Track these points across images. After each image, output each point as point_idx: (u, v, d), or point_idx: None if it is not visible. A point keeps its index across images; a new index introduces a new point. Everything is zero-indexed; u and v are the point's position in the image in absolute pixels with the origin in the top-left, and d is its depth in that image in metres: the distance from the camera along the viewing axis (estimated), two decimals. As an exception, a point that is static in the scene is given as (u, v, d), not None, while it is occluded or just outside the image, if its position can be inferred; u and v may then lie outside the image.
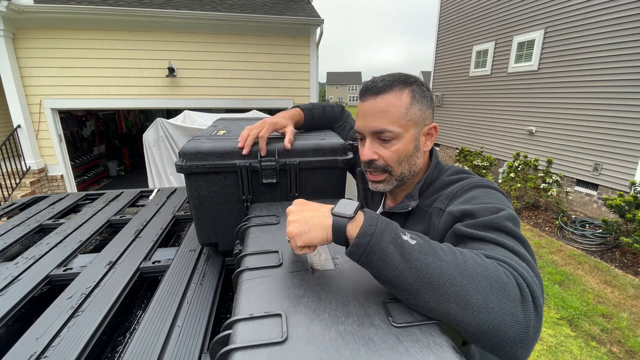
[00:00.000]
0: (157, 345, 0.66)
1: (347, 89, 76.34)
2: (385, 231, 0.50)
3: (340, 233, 0.52)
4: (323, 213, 0.56)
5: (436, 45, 10.37)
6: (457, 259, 0.48)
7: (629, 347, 2.92)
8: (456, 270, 0.47)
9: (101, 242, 1.23)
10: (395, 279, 0.48)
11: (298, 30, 6.41)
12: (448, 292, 0.46)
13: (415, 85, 0.76)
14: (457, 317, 0.46)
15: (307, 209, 0.58)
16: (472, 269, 0.47)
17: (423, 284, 0.46)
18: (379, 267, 0.49)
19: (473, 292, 0.46)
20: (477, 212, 0.63)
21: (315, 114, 1.08)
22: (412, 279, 0.47)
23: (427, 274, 0.47)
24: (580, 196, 5.96)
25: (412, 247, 0.49)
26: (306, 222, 0.55)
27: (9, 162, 5.55)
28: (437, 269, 0.47)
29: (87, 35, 5.66)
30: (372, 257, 0.49)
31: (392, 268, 0.48)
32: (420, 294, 0.47)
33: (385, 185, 0.81)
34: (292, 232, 0.55)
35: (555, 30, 6.22)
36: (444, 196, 0.73)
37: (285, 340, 0.42)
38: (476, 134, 8.67)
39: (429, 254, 0.48)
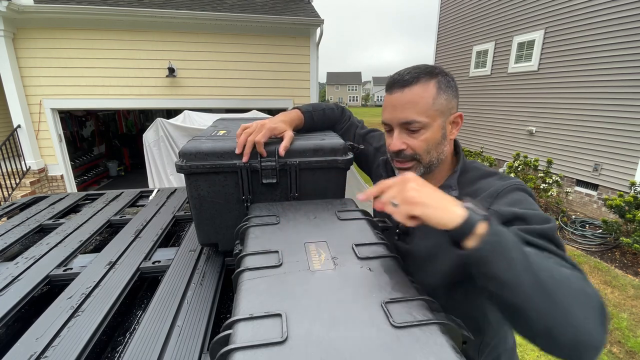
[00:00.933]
0: (157, 345, 0.66)
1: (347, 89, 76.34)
2: (512, 237, 0.53)
3: (469, 227, 0.53)
4: (452, 201, 0.56)
5: (436, 45, 10.37)
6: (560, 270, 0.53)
7: (629, 347, 2.92)
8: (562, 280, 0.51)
9: (101, 242, 1.23)
10: (515, 280, 0.50)
11: (298, 31, 6.41)
12: (560, 299, 0.49)
13: (441, 76, 0.79)
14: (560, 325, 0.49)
15: (432, 188, 0.58)
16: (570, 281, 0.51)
17: (537, 288, 0.49)
18: (500, 267, 0.51)
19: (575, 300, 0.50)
20: (529, 218, 0.65)
21: (316, 117, 1.08)
22: (529, 282, 0.50)
23: (543, 280, 0.50)
24: (580, 196, 5.96)
25: (531, 255, 0.52)
26: (433, 198, 0.55)
27: (9, 162, 5.55)
28: (551, 276, 0.50)
29: (87, 35, 5.66)
30: (496, 257, 0.51)
31: (514, 269, 0.50)
32: (534, 297, 0.49)
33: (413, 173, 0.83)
34: (415, 197, 0.55)
35: (555, 31, 6.22)
36: (487, 194, 0.75)
37: (285, 340, 0.42)
38: (476, 134, 8.67)
39: (542, 262, 0.52)
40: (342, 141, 0.92)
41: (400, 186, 0.59)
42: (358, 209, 0.81)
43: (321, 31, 6.46)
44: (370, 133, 1.17)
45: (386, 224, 0.86)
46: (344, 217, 0.76)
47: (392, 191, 0.59)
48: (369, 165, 1.14)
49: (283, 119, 0.95)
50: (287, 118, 0.97)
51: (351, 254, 0.62)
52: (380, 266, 0.59)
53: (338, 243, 0.66)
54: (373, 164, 1.11)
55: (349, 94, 76.39)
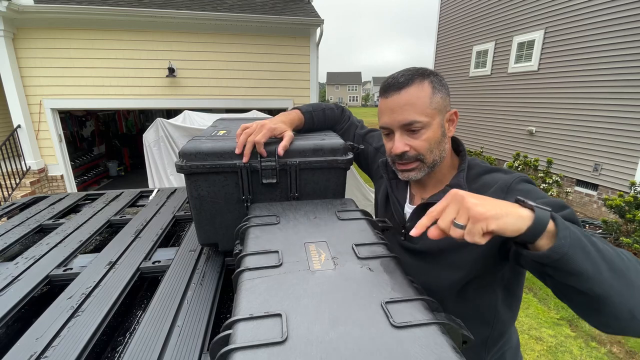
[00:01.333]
0: (157, 345, 0.66)
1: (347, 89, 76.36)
2: (572, 225, 0.52)
3: (542, 226, 0.50)
4: (512, 204, 0.53)
5: (436, 45, 10.37)
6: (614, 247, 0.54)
7: (629, 347, 2.92)
8: (626, 259, 0.53)
9: (101, 242, 1.23)
10: (596, 268, 0.49)
11: (298, 31, 6.41)
12: (632, 278, 0.50)
13: (432, 76, 0.81)
14: (632, 300, 0.50)
15: (486, 197, 0.54)
16: (630, 259, 0.53)
17: (614, 271, 0.50)
18: (580, 259, 0.49)
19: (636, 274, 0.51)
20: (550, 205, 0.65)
21: (316, 117, 1.08)
22: (606, 268, 0.49)
23: (615, 262, 0.50)
24: (580, 196, 5.96)
25: (596, 239, 0.52)
26: (500, 207, 0.51)
27: (9, 162, 5.55)
28: (617, 255, 0.51)
29: (87, 35, 5.66)
30: (575, 250, 0.49)
31: (593, 259, 0.50)
32: (613, 282, 0.49)
33: (417, 173, 0.84)
34: (485, 213, 0.50)
35: (555, 31, 6.22)
36: (497, 188, 0.75)
37: (285, 340, 0.42)
38: (476, 134, 8.67)
39: (604, 244, 0.53)
40: (342, 141, 0.92)
41: (457, 205, 0.53)
42: (358, 209, 0.81)
43: (321, 31, 6.46)
44: (369, 133, 1.17)
45: (386, 224, 0.86)
46: (344, 217, 0.76)
47: (450, 213, 0.54)
48: (369, 165, 1.15)
49: (283, 119, 0.95)
50: (287, 118, 0.96)
51: (351, 254, 0.62)
52: (380, 266, 0.59)
53: (338, 243, 0.66)
54: (373, 163, 1.11)
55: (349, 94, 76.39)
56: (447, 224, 0.53)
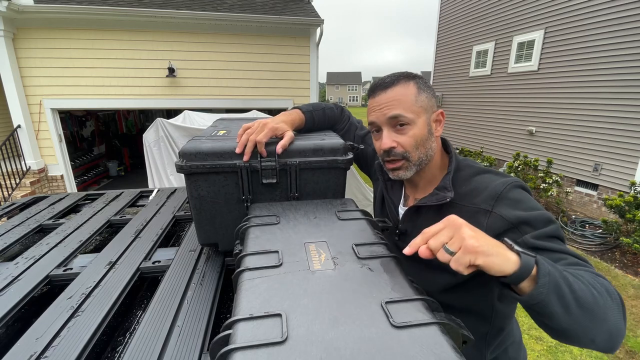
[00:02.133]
0: (157, 345, 0.66)
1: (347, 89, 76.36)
2: (552, 265, 0.55)
3: (527, 272, 0.53)
4: (499, 244, 0.55)
5: (436, 45, 10.36)
6: (588, 282, 0.57)
7: (629, 347, 2.93)
8: (596, 293, 0.55)
9: (101, 242, 1.23)
10: (566, 310, 0.53)
11: (298, 31, 6.41)
12: (597, 314, 0.54)
13: (418, 78, 0.85)
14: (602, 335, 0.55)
15: (481, 232, 0.55)
16: (599, 289, 0.56)
17: (582, 310, 0.53)
18: (554, 304, 0.53)
19: (608, 308, 0.55)
20: (534, 221, 0.69)
21: (316, 116, 1.09)
22: (575, 307, 0.53)
23: (586, 301, 0.54)
24: (580, 196, 5.96)
25: (570, 278, 0.55)
26: (491, 245, 0.53)
27: (9, 162, 5.55)
28: (590, 294, 0.54)
29: (87, 35, 5.66)
30: (551, 296, 0.52)
31: (566, 302, 0.53)
32: (579, 320, 0.53)
33: (404, 172, 0.86)
34: (478, 247, 0.52)
35: (555, 31, 6.22)
36: (487, 195, 0.76)
37: (285, 340, 0.42)
38: (476, 134, 8.67)
39: (578, 282, 0.55)
40: (342, 141, 0.92)
41: (452, 231, 0.55)
42: (358, 209, 0.81)
43: (321, 31, 6.46)
44: (369, 134, 1.17)
45: (386, 224, 0.86)
46: (344, 217, 0.76)
47: (443, 237, 0.55)
48: (368, 165, 1.15)
49: (284, 119, 0.95)
50: (288, 118, 0.97)
51: (351, 254, 0.62)
52: (380, 266, 0.59)
53: (338, 243, 0.66)
54: (373, 164, 1.12)
55: (349, 94, 76.38)
56: (437, 246, 0.55)
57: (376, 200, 1.09)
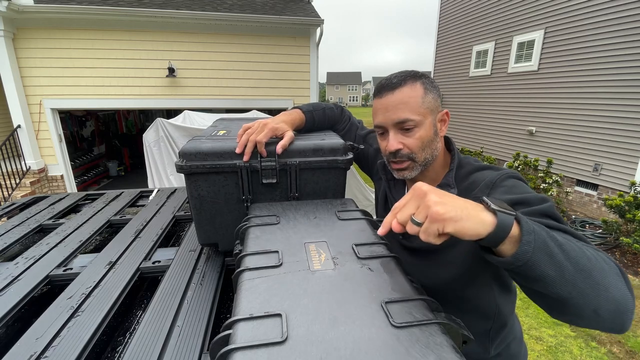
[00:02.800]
0: (157, 345, 0.66)
1: (347, 89, 76.36)
2: (538, 225, 0.51)
3: (504, 232, 0.48)
4: (476, 206, 0.50)
5: (436, 45, 10.36)
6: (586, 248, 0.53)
7: (629, 347, 2.92)
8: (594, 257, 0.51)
9: (101, 242, 1.23)
10: (560, 272, 0.48)
11: (298, 31, 6.41)
12: (597, 277, 0.49)
13: (424, 78, 0.84)
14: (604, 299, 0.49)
15: (450, 195, 0.51)
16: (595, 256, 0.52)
17: (578, 273, 0.49)
18: (545, 265, 0.48)
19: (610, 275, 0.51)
20: (528, 200, 0.66)
21: (316, 116, 1.09)
22: (574, 270, 0.49)
23: (580, 263, 0.49)
24: (580, 196, 5.96)
25: (560, 239, 0.51)
26: (461, 209, 0.48)
27: (9, 162, 5.55)
28: (584, 256, 0.50)
29: (87, 35, 5.66)
30: (540, 255, 0.48)
31: (558, 262, 0.48)
32: (577, 282, 0.49)
33: (410, 172, 0.86)
34: (444, 214, 0.47)
35: (555, 31, 6.22)
36: (483, 186, 0.76)
37: (285, 340, 0.42)
38: (476, 134, 8.67)
39: (571, 244, 0.51)
40: (342, 141, 0.92)
41: (418, 200, 0.50)
42: (358, 209, 0.81)
43: (321, 31, 6.46)
44: (370, 133, 1.17)
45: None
46: (344, 217, 0.76)
47: (409, 207, 0.51)
48: (370, 165, 1.15)
49: (284, 119, 0.95)
50: (288, 118, 0.97)
51: (351, 254, 0.62)
52: (380, 266, 0.59)
53: (338, 243, 0.66)
54: (374, 164, 1.12)
55: (349, 94, 76.39)
56: (405, 219, 0.51)
57: (379, 200, 1.10)
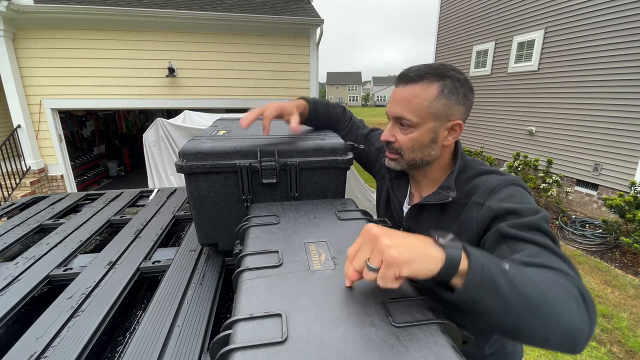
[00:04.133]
0: (157, 345, 0.66)
1: (347, 89, 76.33)
2: (489, 259, 0.50)
3: (454, 267, 0.48)
4: (425, 242, 0.49)
5: (436, 45, 10.36)
6: (539, 278, 0.52)
7: (629, 347, 2.92)
8: (547, 289, 0.51)
9: (101, 242, 1.23)
10: (505, 307, 0.48)
11: (298, 30, 6.41)
12: (545, 310, 0.49)
13: (450, 80, 0.77)
14: (549, 332, 0.50)
15: (404, 235, 0.50)
16: (551, 284, 0.52)
17: (529, 308, 0.49)
18: (488, 301, 0.48)
19: (561, 306, 0.50)
20: (521, 211, 0.67)
21: (319, 108, 1.09)
22: (521, 305, 0.48)
23: (531, 298, 0.49)
24: (580, 196, 5.96)
25: (511, 272, 0.50)
26: (413, 249, 0.47)
27: (9, 162, 5.55)
28: (535, 290, 0.50)
29: (87, 35, 5.66)
30: (484, 293, 0.48)
31: (504, 298, 0.48)
32: (523, 318, 0.49)
33: (396, 164, 0.88)
34: (398, 258, 0.45)
35: (555, 31, 6.22)
36: (482, 191, 0.75)
37: (285, 340, 0.42)
38: (476, 134, 8.67)
39: (522, 275, 0.51)
40: (342, 141, 0.92)
41: (370, 245, 0.48)
42: (358, 209, 0.81)
43: (321, 31, 6.46)
44: (371, 133, 1.17)
45: (386, 224, 0.86)
46: (344, 217, 0.76)
47: (363, 253, 0.49)
48: (372, 165, 1.15)
49: (290, 103, 0.98)
50: (294, 103, 0.99)
51: (351, 254, 0.62)
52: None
53: (338, 243, 0.66)
54: (376, 163, 1.12)
55: (349, 94, 76.37)
56: (360, 265, 0.49)
57: (381, 199, 1.10)
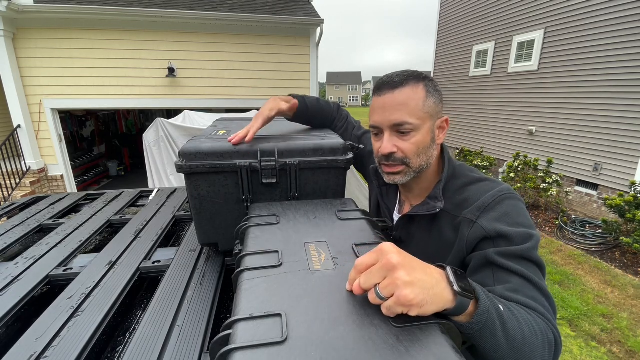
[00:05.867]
0: (157, 345, 0.66)
1: (347, 89, 76.35)
2: (492, 303, 0.54)
3: (461, 312, 0.49)
4: (439, 280, 0.48)
5: (436, 45, 10.36)
6: (526, 324, 0.56)
7: (629, 347, 2.92)
8: (530, 335, 0.55)
9: (101, 242, 1.23)
10: (495, 348, 0.53)
11: (298, 30, 6.41)
12: (525, 352, 0.54)
13: (427, 80, 0.79)
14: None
15: (419, 269, 0.47)
16: (535, 331, 0.56)
17: (513, 350, 0.54)
18: (486, 339, 0.52)
19: (537, 351, 0.55)
20: (512, 237, 0.68)
21: (309, 102, 1.09)
22: (507, 347, 0.53)
23: (516, 341, 0.54)
24: (580, 196, 5.96)
25: (507, 317, 0.54)
26: (427, 291, 0.46)
27: (9, 162, 5.55)
28: (520, 334, 0.54)
29: (87, 35, 5.66)
30: (485, 332, 0.52)
31: (497, 339, 0.53)
32: (508, 356, 0.54)
33: (402, 177, 0.82)
34: (412, 300, 0.44)
35: (555, 30, 6.22)
36: (475, 207, 0.74)
37: (285, 340, 0.42)
38: (476, 134, 8.67)
39: (513, 320, 0.55)
40: (342, 141, 0.92)
41: (385, 272, 0.46)
42: (358, 209, 0.81)
43: (321, 31, 6.46)
44: (366, 134, 1.16)
45: (386, 224, 0.86)
46: (344, 217, 0.76)
47: (375, 277, 0.47)
48: (365, 166, 1.14)
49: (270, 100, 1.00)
50: (274, 98, 1.01)
51: (351, 254, 0.62)
52: (380, 266, 0.59)
53: (338, 243, 0.66)
54: (368, 165, 1.11)
55: (349, 93, 76.38)
56: (369, 287, 0.48)
57: (371, 204, 1.08)
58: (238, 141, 0.86)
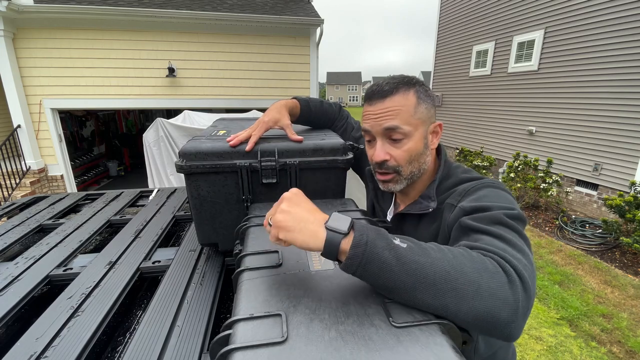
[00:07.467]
0: (157, 345, 0.66)
1: (347, 89, 76.34)
2: (377, 238, 0.51)
3: (332, 248, 0.51)
4: (318, 221, 0.54)
5: (436, 45, 10.36)
6: (446, 256, 0.51)
7: (629, 347, 2.92)
8: (448, 265, 0.50)
9: (101, 242, 1.23)
10: (393, 282, 0.49)
11: (298, 30, 6.41)
12: (443, 287, 0.48)
13: (418, 86, 0.79)
14: (454, 308, 0.48)
15: (303, 207, 0.56)
16: (462, 262, 0.50)
17: (420, 283, 0.48)
18: (376, 275, 0.49)
19: (466, 283, 0.48)
20: (488, 207, 0.66)
21: (312, 106, 1.09)
22: (409, 280, 0.48)
23: (422, 273, 0.49)
24: (580, 196, 5.96)
25: (405, 250, 0.50)
26: (298, 221, 0.54)
27: (9, 162, 5.55)
28: (431, 267, 0.49)
29: (87, 35, 5.66)
30: (369, 266, 0.49)
31: (390, 272, 0.49)
32: (417, 293, 0.49)
33: (394, 185, 0.82)
34: (280, 222, 0.54)
35: (555, 30, 6.22)
36: (456, 193, 0.75)
37: (286, 340, 0.42)
38: (476, 134, 8.67)
39: (421, 255, 0.50)
40: (342, 141, 0.92)
41: (276, 206, 0.58)
42: (358, 209, 0.81)
43: (321, 31, 6.46)
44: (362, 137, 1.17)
45: (386, 224, 0.86)
46: (344, 217, 0.76)
47: (272, 210, 0.59)
48: (362, 168, 1.14)
49: (275, 108, 0.98)
50: (278, 105, 0.99)
51: (351, 254, 0.62)
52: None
53: (338, 243, 0.66)
54: (364, 167, 1.11)
55: (349, 94, 76.37)
56: (266, 218, 0.59)
57: (367, 205, 1.09)
58: (236, 143, 0.86)
